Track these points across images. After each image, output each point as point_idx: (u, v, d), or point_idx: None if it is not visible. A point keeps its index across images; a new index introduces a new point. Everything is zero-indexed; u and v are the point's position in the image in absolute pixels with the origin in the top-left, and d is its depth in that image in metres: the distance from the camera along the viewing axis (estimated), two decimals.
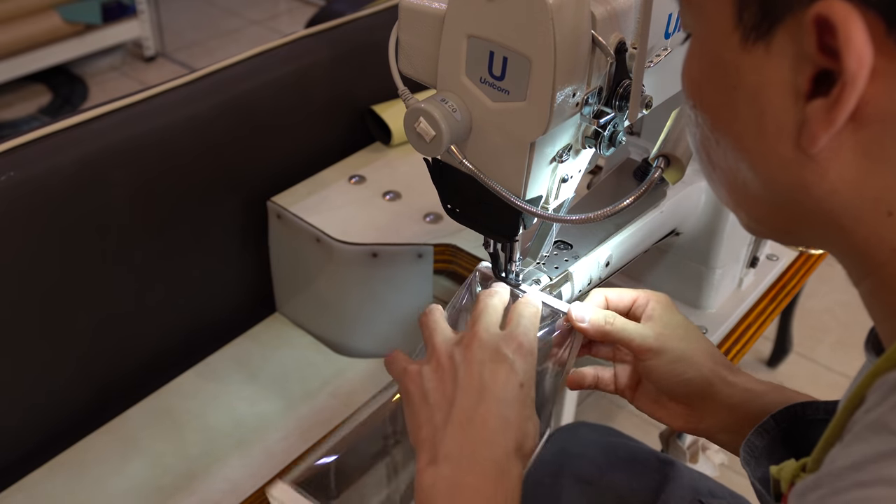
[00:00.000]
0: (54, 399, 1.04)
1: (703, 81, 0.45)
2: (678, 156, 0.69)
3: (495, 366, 0.61)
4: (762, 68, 0.40)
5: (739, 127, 0.43)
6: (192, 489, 0.98)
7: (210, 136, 1.09)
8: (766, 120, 0.41)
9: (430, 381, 0.62)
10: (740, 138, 0.44)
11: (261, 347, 1.18)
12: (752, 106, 0.42)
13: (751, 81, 0.41)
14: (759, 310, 1.08)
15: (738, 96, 0.42)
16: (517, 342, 0.63)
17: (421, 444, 0.61)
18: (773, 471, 0.52)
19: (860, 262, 0.44)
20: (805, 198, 0.42)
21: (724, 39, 0.42)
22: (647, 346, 0.68)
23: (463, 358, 0.62)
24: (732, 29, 0.41)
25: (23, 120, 2.68)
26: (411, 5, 0.64)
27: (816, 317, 2.07)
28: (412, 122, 0.63)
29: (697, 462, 1.24)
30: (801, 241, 0.48)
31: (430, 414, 0.61)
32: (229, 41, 3.28)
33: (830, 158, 0.40)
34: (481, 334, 0.63)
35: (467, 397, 0.60)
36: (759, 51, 0.40)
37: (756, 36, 0.40)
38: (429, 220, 1.13)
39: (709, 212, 0.94)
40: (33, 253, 0.95)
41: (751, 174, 0.44)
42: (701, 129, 0.46)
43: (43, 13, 2.66)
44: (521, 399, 0.61)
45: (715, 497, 0.88)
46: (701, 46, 0.45)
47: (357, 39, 1.24)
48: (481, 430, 0.59)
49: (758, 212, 0.47)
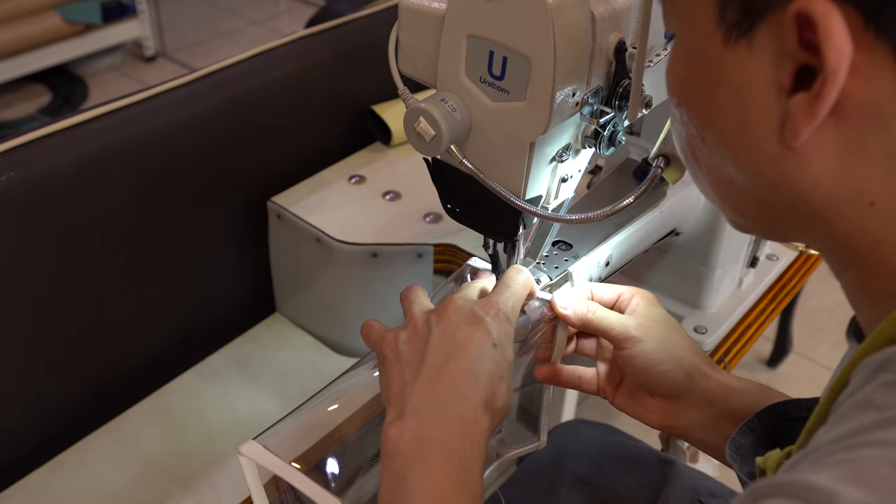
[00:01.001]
0: (54, 399, 1.04)
1: (688, 80, 0.46)
2: (678, 156, 0.69)
3: (469, 326, 0.61)
4: (745, 65, 0.41)
5: (723, 123, 0.44)
6: (192, 489, 0.98)
7: (210, 136, 1.09)
8: (750, 116, 0.42)
9: (404, 343, 0.62)
10: (724, 134, 0.44)
11: (261, 347, 1.18)
12: (735, 102, 0.43)
13: (734, 78, 0.42)
14: (759, 310, 1.08)
15: (722, 93, 0.43)
16: (495, 308, 0.63)
17: (390, 400, 0.60)
18: (759, 461, 0.53)
19: (843, 254, 0.45)
20: (789, 191, 0.43)
21: (707, 38, 0.43)
22: (628, 335, 0.68)
23: (438, 319, 0.62)
24: (715, 27, 0.42)
25: (23, 120, 2.68)
26: (411, 5, 0.64)
27: (816, 317, 2.07)
28: (412, 121, 0.63)
29: (697, 462, 1.24)
30: (785, 235, 0.49)
31: (400, 371, 0.61)
32: (229, 41, 3.28)
33: (813, 152, 0.41)
34: (457, 301, 0.63)
35: (438, 354, 0.60)
36: (742, 48, 0.41)
37: (738, 33, 0.41)
38: (429, 220, 1.13)
39: (709, 212, 0.94)
40: (33, 252, 0.95)
41: (735, 170, 0.45)
42: (686, 128, 0.47)
43: (43, 13, 2.67)
44: (493, 357, 0.60)
45: (715, 496, 0.88)
46: (685, 46, 0.46)
47: (357, 39, 1.24)
48: (449, 385, 0.58)
49: (743, 207, 0.48)
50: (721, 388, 0.69)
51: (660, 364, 0.68)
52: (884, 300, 0.43)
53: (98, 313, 1.04)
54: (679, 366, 0.68)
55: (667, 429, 0.71)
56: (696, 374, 0.69)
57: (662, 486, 0.87)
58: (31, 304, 0.97)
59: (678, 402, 0.70)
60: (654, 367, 0.68)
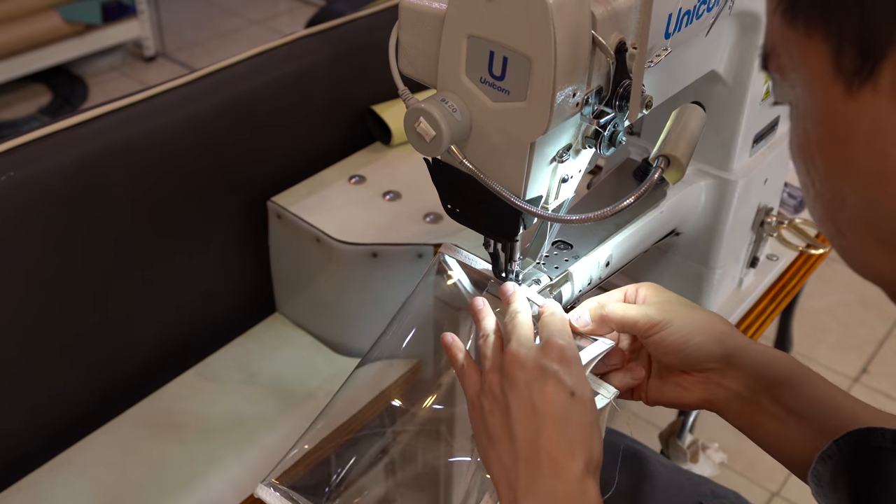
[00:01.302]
0: (54, 399, 1.04)
1: (814, 143, 0.43)
2: (678, 156, 0.69)
3: (542, 383, 0.61)
4: (873, 111, 0.39)
5: (862, 178, 0.41)
6: (192, 489, 0.98)
7: (210, 137, 1.09)
8: (888, 162, 0.40)
9: (490, 416, 0.64)
10: (865, 189, 0.42)
11: (261, 347, 1.18)
12: (871, 152, 0.40)
13: (864, 127, 0.40)
14: (759, 310, 1.08)
15: (855, 147, 0.41)
16: (558, 351, 0.62)
17: (496, 482, 0.62)
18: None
19: None
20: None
21: (827, 93, 0.40)
22: (651, 321, 0.68)
23: (510, 385, 0.62)
24: (832, 80, 0.40)
25: (23, 120, 2.68)
26: (411, 5, 0.64)
27: (816, 317, 2.07)
28: (412, 122, 0.63)
29: (698, 462, 1.24)
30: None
31: (497, 453, 0.62)
32: (229, 41, 3.28)
33: None
34: (519, 354, 0.63)
35: (525, 429, 0.61)
36: (867, 94, 0.39)
37: (860, 79, 0.39)
38: (429, 220, 1.13)
39: (709, 212, 0.94)
40: (32, 253, 0.95)
41: (885, 223, 0.42)
42: (822, 198, 0.44)
43: (43, 13, 2.67)
44: (576, 409, 0.61)
45: (717, 497, 0.88)
46: (804, 109, 0.43)
47: (357, 39, 1.24)
48: (549, 464, 0.59)
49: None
50: (752, 353, 0.69)
51: (691, 338, 0.68)
52: None
53: (98, 313, 1.04)
54: (710, 336, 0.69)
55: (706, 404, 0.71)
56: (728, 341, 0.69)
57: (664, 488, 0.87)
58: (30, 303, 0.97)
59: (714, 374, 0.70)
60: (685, 343, 0.68)
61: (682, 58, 0.75)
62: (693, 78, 0.80)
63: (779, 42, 0.43)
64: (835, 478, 0.60)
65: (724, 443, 1.27)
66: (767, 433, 0.70)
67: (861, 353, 2.04)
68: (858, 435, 0.59)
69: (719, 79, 0.87)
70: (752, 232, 1.03)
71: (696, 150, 0.69)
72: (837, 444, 0.60)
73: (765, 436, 0.70)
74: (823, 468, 0.60)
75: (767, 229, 1.04)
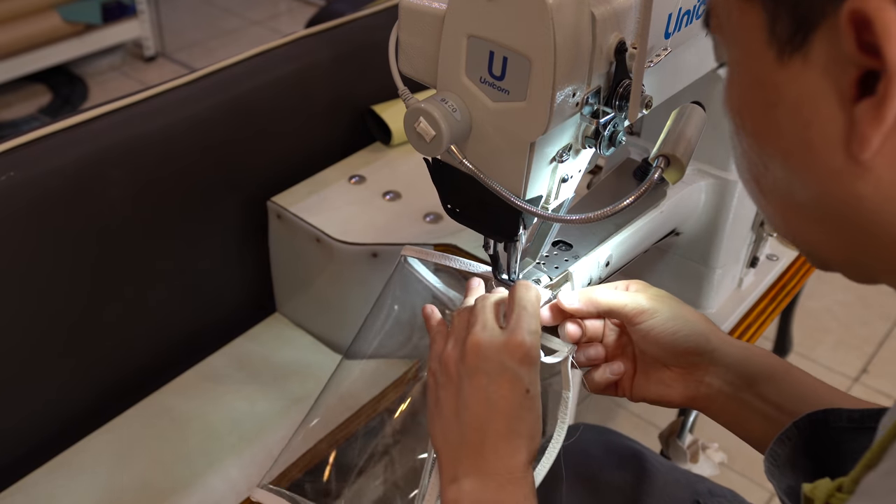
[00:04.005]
0: (54, 399, 1.04)
1: (744, 105, 0.44)
2: (678, 156, 0.69)
3: (499, 378, 0.63)
4: (802, 80, 0.39)
5: (785, 145, 0.42)
6: (192, 489, 0.98)
7: (210, 137, 1.09)
8: (812, 133, 0.40)
9: (442, 389, 0.66)
10: (788, 157, 0.42)
11: (261, 347, 1.18)
12: (795, 121, 0.41)
13: (791, 96, 0.40)
14: (759, 310, 1.08)
15: (781, 113, 0.41)
16: (521, 352, 0.64)
17: (438, 451, 0.66)
18: (807, 489, 0.51)
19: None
20: (860, 212, 0.40)
21: (759, 58, 0.41)
22: (641, 308, 0.69)
23: (467, 371, 0.64)
24: (766, 46, 0.40)
25: (23, 120, 2.68)
26: (411, 5, 0.64)
27: (816, 317, 2.07)
28: (412, 122, 0.63)
29: (697, 462, 1.24)
30: (868, 272, 0.46)
31: (443, 427, 0.65)
32: (229, 41, 3.28)
33: (883, 165, 0.39)
34: (482, 345, 0.64)
35: (475, 416, 0.63)
36: (797, 63, 0.39)
37: (792, 48, 0.39)
38: (429, 220, 1.12)
39: (709, 212, 0.94)
40: (33, 252, 0.95)
41: (803, 193, 0.43)
42: (748, 156, 0.45)
43: (43, 13, 2.66)
44: (527, 406, 0.63)
45: (714, 496, 0.88)
46: (737, 71, 0.44)
47: (357, 39, 1.24)
48: (493, 454, 0.62)
49: (817, 238, 0.45)
50: (735, 349, 0.70)
51: (678, 330, 0.69)
52: None
53: (98, 313, 1.04)
54: (696, 329, 0.69)
55: (689, 401, 0.71)
56: (713, 336, 0.70)
57: (661, 486, 0.87)
58: (30, 303, 0.97)
59: (697, 370, 0.70)
60: (672, 334, 0.69)
61: (682, 58, 0.75)
62: (693, 78, 0.80)
63: (720, 3, 0.44)
64: (794, 458, 0.61)
65: (724, 443, 1.27)
66: (753, 429, 0.70)
67: (861, 353, 2.04)
68: (818, 416, 0.61)
69: (719, 79, 0.87)
70: (752, 232, 1.03)
71: (696, 150, 0.69)
72: (797, 426, 0.62)
73: (750, 431, 0.71)
74: (781, 449, 0.62)
75: (767, 229, 1.04)
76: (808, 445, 0.62)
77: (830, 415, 0.61)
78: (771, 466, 0.62)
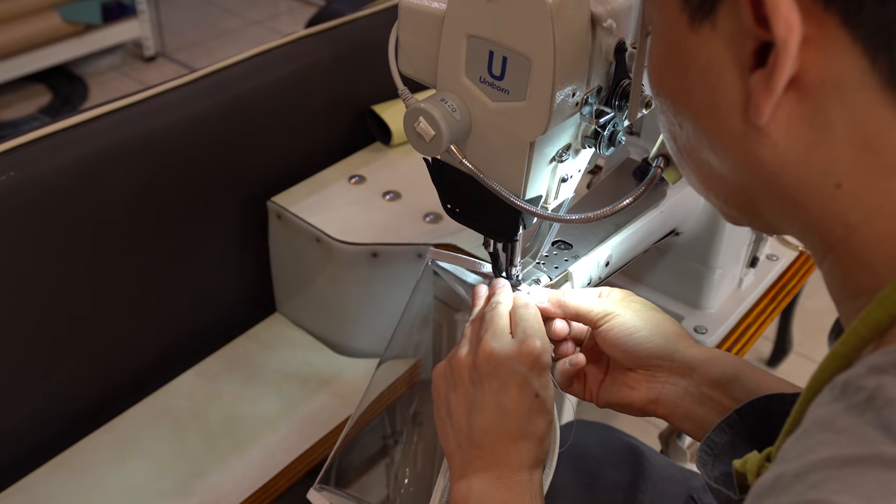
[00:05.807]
0: (54, 399, 1.04)
1: (662, 67, 0.47)
2: None
3: (510, 383, 0.65)
4: (709, 46, 0.42)
5: (696, 107, 0.45)
6: (192, 489, 0.98)
7: (210, 136, 1.09)
8: (718, 97, 0.43)
9: (452, 393, 0.68)
10: (698, 118, 0.45)
11: (261, 347, 1.18)
12: (704, 84, 0.43)
13: (701, 60, 0.43)
14: (759, 310, 1.08)
15: (692, 76, 0.44)
16: (532, 358, 0.65)
17: (450, 457, 0.68)
18: (737, 464, 0.52)
19: (818, 241, 0.44)
20: (760, 173, 0.43)
21: (675, 23, 0.43)
22: (605, 311, 0.70)
23: (479, 377, 0.66)
24: (680, 12, 0.43)
25: (23, 120, 2.68)
26: (411, 5, 0.64)
27: (816, 317, 2.07)
28: (412, 121, 0.63)
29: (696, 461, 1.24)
30: (769, 224, 0.49)
31: (454, 429, 0.67)
32: (229, 41, 3.28)
33: (778, 130, 0.41)
34: (491, 346, 0.66)
35: (487, 419, 0.65)
36: (706, 30, 0.42)
37: (701, 15, 0.42)
38: (429, 220, 1.13)
39: (709, 212, 0.94)
40: (33, 252, 0.95)
41: (712, 154, 0.46)
42: (666, 116, 0.48)
43: (43, 13, 2.66)
44: (537, 410, 0.65)
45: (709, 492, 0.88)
46: (658, 34, 0.47)
47: (357, 39, 1.24)
48: (504, 456, 0.64)
49: (725, 194, 0.49)
50: (700, 352, 0.70)
51: (637, 331, 0.69)
52: (859, 294, 0.43)
53: (98, 313, 1.04)
54: (656, 331, 0.70)
55: (652, 405, 0.71)
56: (674, 339, 0.70)
57: (658, 483, 0.88)
58: (30, 303, 0.97)
59: (660, 372, 0.70)
60: (630, 334, 0.69)
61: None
62: None
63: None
64: (735, 444, 0.61)
65: None
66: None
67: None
68: (759, 403, 0.62)
69: None
70: (751, 232, 1.03)
71: None
72: (739, 413, 0.62)
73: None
74: (720, 437, 0.62)
75: None
76: (753, 433, 0.62)
77: (772, 401, 0.62)
78: (705, 456, 0.62)
